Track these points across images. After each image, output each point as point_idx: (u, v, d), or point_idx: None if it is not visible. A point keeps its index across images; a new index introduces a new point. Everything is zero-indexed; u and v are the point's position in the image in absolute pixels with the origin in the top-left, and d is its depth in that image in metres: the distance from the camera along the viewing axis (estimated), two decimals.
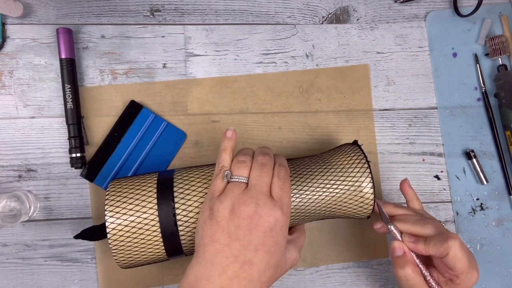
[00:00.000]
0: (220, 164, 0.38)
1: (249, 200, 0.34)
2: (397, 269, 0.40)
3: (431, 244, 0.40)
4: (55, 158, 0.51)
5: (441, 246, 0.39)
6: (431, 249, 0.39)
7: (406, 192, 0.47)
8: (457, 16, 0.57)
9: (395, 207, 0.45)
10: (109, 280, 0.49)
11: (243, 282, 0.33)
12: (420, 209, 0.46)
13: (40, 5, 0.52)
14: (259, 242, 0.34)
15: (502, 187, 0.55)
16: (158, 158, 0.51)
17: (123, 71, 0.52)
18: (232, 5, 0.55)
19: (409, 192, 0.47)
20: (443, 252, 0.39)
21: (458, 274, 0.40)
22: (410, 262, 0.40)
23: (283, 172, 0.38)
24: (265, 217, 0.34)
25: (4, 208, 0.46)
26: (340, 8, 0.56)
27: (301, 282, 0.52)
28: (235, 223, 0.34)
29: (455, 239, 0.39)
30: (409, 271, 0.39)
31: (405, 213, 0.44)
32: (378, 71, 0.56)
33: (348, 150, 0.44)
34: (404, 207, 0.45)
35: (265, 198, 0.35)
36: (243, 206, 0.34)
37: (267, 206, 0.34)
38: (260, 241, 0.34)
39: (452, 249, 0.38)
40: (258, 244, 0.34)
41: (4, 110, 0.51)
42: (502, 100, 0.54)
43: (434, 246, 0.39)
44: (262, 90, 0.54)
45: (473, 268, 0.40)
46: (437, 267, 0.42)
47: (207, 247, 0.34)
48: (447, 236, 0.39)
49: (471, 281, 0.41)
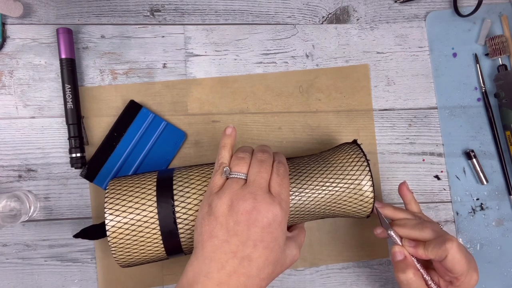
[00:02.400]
0: (219, 160, 0.38)
1: (247, 195, 0.34)
2: (399, 273, 0.40)
3: (429, 248, 0.40)
4: (55, 158, 0.51)
5: (439, 249, 0.39)
6: (430, 253, 0.40)
7: (404, 194, 0.47)
8: (457, 16, 0.57)
9: (394, 210, 0.45)
10: (109, 280, 0.49)
11: (242, 278, 0.33)
12: (418, 212, 0.46)
13: (40, 5, 0.52)
14: (257, 237, 0.34)
15: (502, 187, 0.55)
16: (158, 158, 0.51)
17: (123, 71, 0.52)
18: (232, 5, 0.55)
19: (408, 195, 0.47)
20: (442, 255, 0.39)
21: (457, 276, 0.40)
22: (411, 266, 0.40)
23: (282, 169, 0.38)
24: (264, 212, 0.34)
25: (4, 208, 0.47)
26: (340, 8, 0.56)
27: (301, 282, 0.52)
28: (234, 219, 0.34)
29: (452, 242, 0.39)
30: (411, 275, 0.39)
31: (404, 217, 0.44)
32: (378, 71, 0.56)
33: (347, 149, 0.44)
34: (402, 210, 0.45)
35: (263, 194, 0.35)
36: (241, 201, 0.34)
37: (265, 202, 0.34)
38: (258, 236, 0.34)
39: (450, 252, 0.38)
40: (256, 239, 0.34)
41: (4, 110, 0.51)
42: (502, 100, 0.54)
43: (432, 250, 0.39)
44: (262, 90, 0.54)
45: (473, 270, 0.40)
46: (437, 270, 0.42)
47: (206, 243, 0.34)
48: (444, 239, 0.39)
49: (471, 283, 0.41)
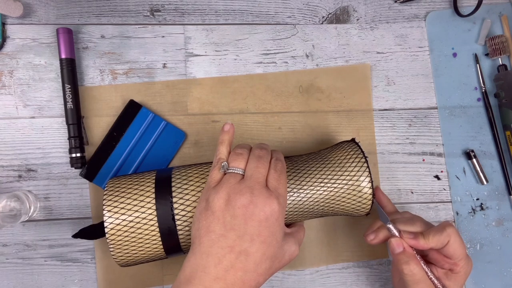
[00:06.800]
0: (218, 156, 0.38)
1: (244, 189, 0.34)
2: (402, 265, 0.39)
3: (430, 236, 0.40)
4: (55, 158, 0.51)
5: (441, 235, 0.39)
6: (431, 241, 0.40)
7: (380, 199, 0.51)
8: (457, 16, 0.57)
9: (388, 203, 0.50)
10: (108, 280, 0.49)
11: (239, 273, 0.33)
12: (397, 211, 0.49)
13: (40, 5, 0.52)
14: (254, 231, 0.34)
15: (502, 187, 0.55)
16: (158, 157, 0.51)
17: (123, 71, 0.52)
18: (232, 5, 0.55)
19: (383, 199, 0.51)
20: (444, 240, 0.39)
21: (457, 262, 0.40)
22: (413, 257, 0.40)
23: (279, 165, 0.38)
24: (260, 206, 0.34)
25: (4, 208, 0.46)
26: (340, 8, 0.56)
27: (301, 282, 0.52)
28: (231, 213, 0.34)
29: (451, 226, 0.40)
30: (414, 265, 0.39)
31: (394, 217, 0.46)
32: (378, 71, 0.56)
33: (346, 147, 0.44)
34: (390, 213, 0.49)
35: (260, 188, 0.35)
36: (238, 195, 0.34)
37: (262, 196, 0.34)
38: (255, 230, 0.34)
39: (452, 236, 0.39)
40: (253, 233, 0.33)
41: (4, 110, 0.51)
42: (502, 100, 0.54)
43: (434, 237, 0.40)
44: (262, 90, 0.54)
45: (467, 255, 0.42)
46: (434, 261, 0.42)
47: (203, 238, 0.34)
48: (443, 225, 0.41)
49: (469, 268, 0.42)
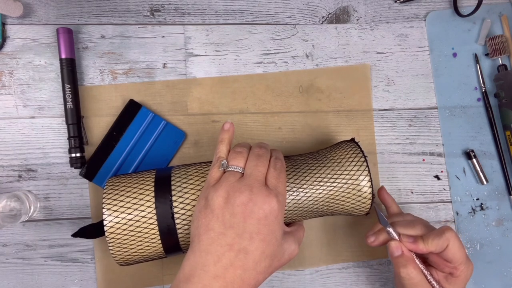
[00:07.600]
0: (217, 154, 0.38)
1: (243, 187, 0.34)
2: (400, 269, 0.40)
3: (429, 240, 0.40)
4: (55, 158, 0.51)
5: (440, 239, 0.39)
6: (430, 245, 0.40)
7: (384, 198, 0.50)
8: (457, 16, 0.57)
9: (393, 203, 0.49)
10: (108, 280, 0.49)
11: (238, 271, 0.33)
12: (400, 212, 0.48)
13: (40, 5, 0.52)
14: (253, 229, 0.34)
15: (502, 187, 0.55)
16: (157, 157, 0.51)
17: (123, 71, 0.52)
18: (232, 5, 0.55)
19: (388, 199, 0.50)
20: (443, 244, 0.39)
21: (457, 266, 0.40)
22: (411, 260, 0.40)
23: (279, 164, 0.38)
24: (260, 204, 0.34)
25: (4, 208, 0.46)
26: (340, 8, 0.56)
27: (301, 282, 0.52)
28: (230, 211, 0.34)
29: (451, 231, 0.40)
30: (412, 269, 0.39)
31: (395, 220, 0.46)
32: (378, 71, 0.56)
33: (345, 146, 0.44)
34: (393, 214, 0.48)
35: (260, 186, 0.35)
36: (238, 193, 0.34)
37: (261, 194, 0.34)
38: (254, 228, 0.34)
39: (451, 240, 0.39)
40: (252, 231, 0.33)
41: (4, 110, 0.51)
42: (502, 100, 0.54)
43: (433, 241, 0.40)
44: (262, 90, 0.54)
45: (468, 258, 0.41)
46: (434, 264, 0.42)
47: (202, 236, 0.34)
48: (442, 229, 0.40)
49: (469, 272, 0.41)
